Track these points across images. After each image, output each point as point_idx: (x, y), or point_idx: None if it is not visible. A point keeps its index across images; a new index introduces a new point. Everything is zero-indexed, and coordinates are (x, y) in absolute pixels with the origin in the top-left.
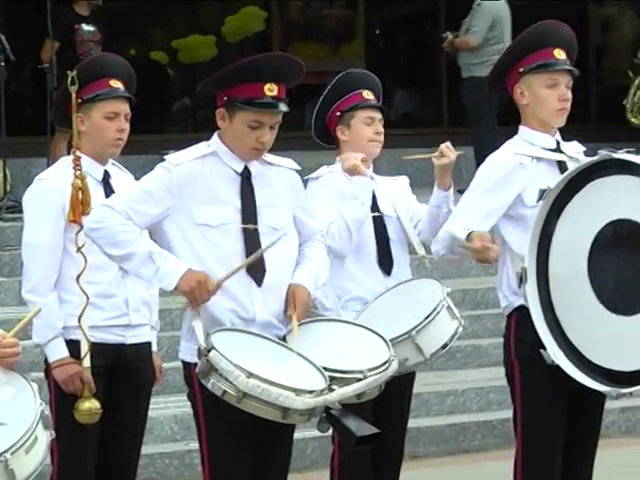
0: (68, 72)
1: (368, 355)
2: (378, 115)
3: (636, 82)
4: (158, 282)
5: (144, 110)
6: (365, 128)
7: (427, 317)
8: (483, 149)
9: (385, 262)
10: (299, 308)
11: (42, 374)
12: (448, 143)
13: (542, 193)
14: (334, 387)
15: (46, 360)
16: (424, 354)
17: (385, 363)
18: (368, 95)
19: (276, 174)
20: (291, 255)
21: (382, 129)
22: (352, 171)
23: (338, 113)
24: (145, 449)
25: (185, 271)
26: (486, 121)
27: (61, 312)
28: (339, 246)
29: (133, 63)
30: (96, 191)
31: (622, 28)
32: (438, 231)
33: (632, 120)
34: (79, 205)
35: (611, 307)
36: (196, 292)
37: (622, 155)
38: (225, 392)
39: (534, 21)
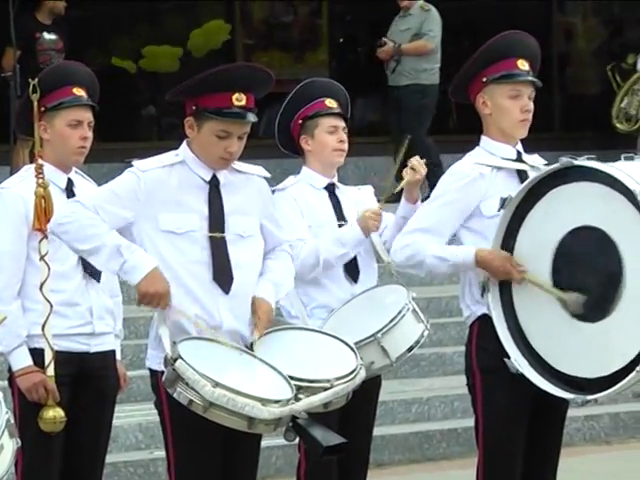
0: (30, 80)
1: (335, 364)
2: (341, 123)
3: (623, 88)
4: (124, 275)
5: (108, 118)
6: (328, 137)
7: (392, 320)
8: (427, 154)
9: (351, 271)
10: (263, 316)
11: (6, 383)
12: (417, 157)
13: (503, 202)
14: (301, 396)
15: (10, 369)
16: (390, 357)
17: (352, 372)
18: (331, 103)
19: (245, 181)
20: (257, 262)
21: (346, 137)
22: (363, 225)
23: (300, 121)
24: (109, 457)
25: (152, 269)
26: (424, 128)
27: (25, 320)
28: (297, 270)
29: (96, 71)
30: (59, 199)
31: (586, 36)
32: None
33: (618, 126)
34: (43, 213)
35: (574, 314)
36: (150, 300)
37: (583, 162)
38: (191, 401)
39: (499, 29)
